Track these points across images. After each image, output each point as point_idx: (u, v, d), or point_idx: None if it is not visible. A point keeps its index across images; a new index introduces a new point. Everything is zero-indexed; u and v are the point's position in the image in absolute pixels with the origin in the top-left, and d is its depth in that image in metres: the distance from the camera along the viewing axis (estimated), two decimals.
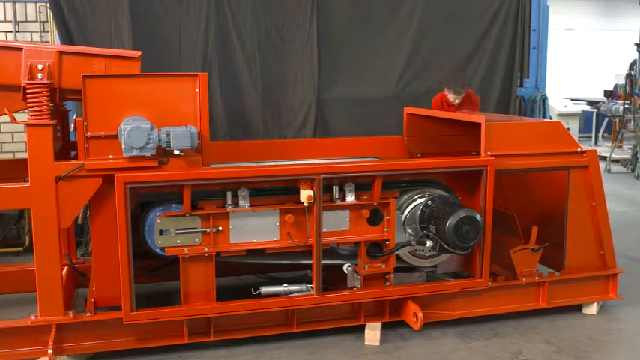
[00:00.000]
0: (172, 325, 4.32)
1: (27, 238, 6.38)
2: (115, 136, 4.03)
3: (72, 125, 5.25)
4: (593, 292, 5.12)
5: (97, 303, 4.28)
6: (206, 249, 4.28)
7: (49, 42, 6.53)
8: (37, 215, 4.03)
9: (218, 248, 4.31)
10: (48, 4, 6.23)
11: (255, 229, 4.37)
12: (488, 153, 4.67)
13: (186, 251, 4.25)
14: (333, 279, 4.65)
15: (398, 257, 4.66)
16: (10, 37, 6.53)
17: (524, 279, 4.90)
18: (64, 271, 4.60)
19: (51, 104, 4.05)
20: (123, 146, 3.97)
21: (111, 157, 4.07)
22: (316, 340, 4.56)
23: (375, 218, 4.56)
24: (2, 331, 4.12)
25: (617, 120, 12.88)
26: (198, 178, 4.17)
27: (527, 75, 7.54)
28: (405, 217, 4.67)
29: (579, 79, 17.16)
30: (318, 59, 6.70)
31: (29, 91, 3.97)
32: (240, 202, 4.33)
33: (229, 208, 4.31)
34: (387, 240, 4.56)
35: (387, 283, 4.63)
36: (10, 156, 6.57)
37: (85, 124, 4.03)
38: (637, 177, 11.18)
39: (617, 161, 12.14)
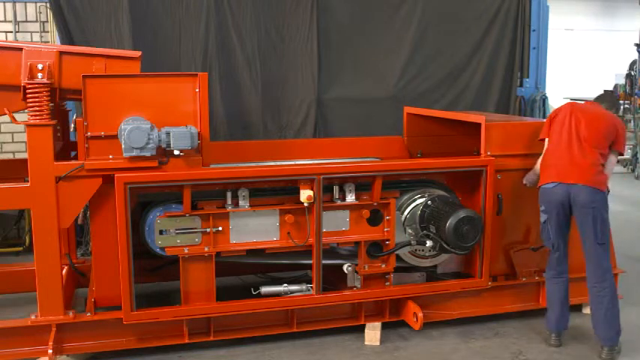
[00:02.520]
0: (172, 325, 4.32)
1: (27, 238, 6.38)
2: (115, 136, 4.03)
3: (72, 125, 5.25)
4: None
5: (97, 303, 4.27)
6: (206, 249, 4.28)
7: (49, 42, 6.53)
8: (37, 215, 4.03)
9: (218, 248, 4.31)
10: (48, 4, 6.23)
11: (255, 229, 4.37)
12: (489, 153, 4.68)
13: (186, 251, 4.26)
14: (334, 279, 4.65)
15: (398, 257, 4.66)
16: (10, 37, 6.53)
17: (524, 279, 4.90)
18: (64, 271, 4.60)
19: (51, 104, 4.05)
20: (123, 146, 3.97)
21: (111, 157, 4.07)
22: (316, 340, 4.56)
23: (375, 218, 4.56)
24: (2, 331, 4.12)
25: None
26: (198, 178, 4.17)
27: (527, 75, 7.53)
28: (405, 217, 4.67)
29: (579, 79, 17.14)
30: (318, 59, 6.70)
31: (29, 91, 3.97)
32: (240, 202, 4.33)
33: (229, 208, 4.31)
34: (387, 240, 4.56)
35: (387, 283, 4.63)
36: (10, 156, 6.57)
37: (85, 124, 4.04)
38: (637, 177, 11.18)
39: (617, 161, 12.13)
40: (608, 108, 4.58)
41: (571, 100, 14.55)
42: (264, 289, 4.53)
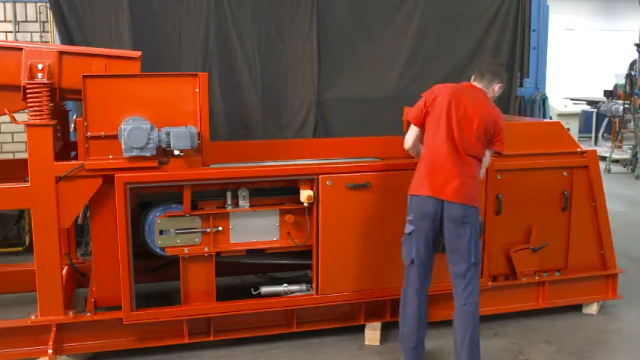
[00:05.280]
0: (172, 325, 4.32)
1: (27, 238, 6.38)
2: (115, 136, 4.03)
3: (72, 125, 5.25)
4: (593, 292, 5.12)
5: (97, 303, 4.28)
6: (206, 249, 4.28)
7: (49, 42, 6.53)
8: (37, 215, 4.03)
9: (218, 248, 4.32)
10: (48, 4, 6.22)
11: (255, 229, 4.37)
12: None
13: (186, 251, 4.26)
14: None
15: None
16: (10, 37, 6.53)
17: (524, 279, 4.91)
18: (64, 271, 4.60)
19: (51, 104, 4.05)
20: (123, 146, 3.97)
21: (111, 157, 4.07)
22: (316, 340, 4.56)
23: None
24: (2, 331, 4.12)
25: (617, 120, 12.88)
26: (198, 178, 4.18)
27: (527, 75, 7.52)
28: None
29: (579, 79, 17.16)
30: (318, 59, 6.69)
31: (29, 91, 3.97)
32: (240, 202, 4.33)
33: (229, 208, 4.31)
34: None
35: None
36: (10, 156, 6.57)
37: (85, 124, 4.04)
38: (637, 177, 11.19)
39: (617, 161, 12.15)
40: (490, 82, 4.13)
41: (571, 100, 14.62)
42: (264, 289, 4.53)
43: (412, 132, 4.18)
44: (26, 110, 4.04)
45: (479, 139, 3.97)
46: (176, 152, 4.06)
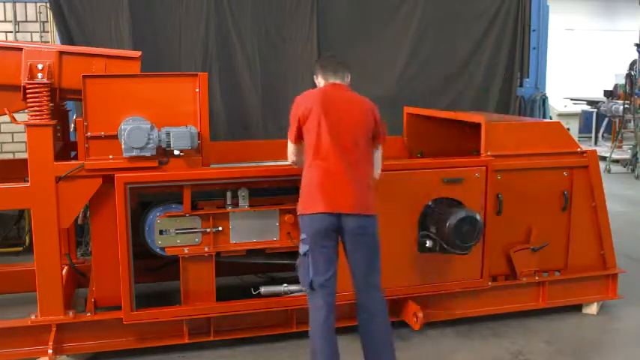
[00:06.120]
0: (172, 325, 4.32)
1: (27, 238, 6.38)
2: (115, 136, 4.03)
3: (72, 125, 5.25)
4: (593, 292, 5.12)
5: (97, 303, 4.28)
6: (206, 249, 4.28)
7: (49, 42, 6.53)
8: (37, 215, 4.03)
9: (218, 248, 4.32)
10: (48, 4, 6.23)
11: (255, 229, 4.37)
12: (488, 153, 4.68)
13: (186, 251, 4.26)
14: None
15: None
16: (10, 37, 6.53)
17: (524, 279, 4.90)
18: (64, 271, 4.60)
19: (51, 104, 4.05)
20: (123, 146, 3.97)
21: (111, 157, 4.08)
22: None
23: None
24: (2, 331, 4.12)
25: (617, 120, 12.88)
26: (198, 178, 4.18)
27: (527, 75, 7.53)
28: None
29: (579, 79, 17.16)
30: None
31: (29, 91, 3.97)
32: (240, 202, 4.33)
33: (229, 208, 4.31)
34: None
35: None
36: (10, 156, 6.57)
37: (85, 124, 4.04)
38: (637, 177, 11.19)
39: (617, 161, 12.14)
40: (344, 76, 3.90)
41: (571, 100, 14.61)
42: (264, 289, 4.53)
43: (291, 147, 3.92)
44: (26, 110, 4.04)
45: (364, 137, 3.74)
46: (176, 152, 4.06)
